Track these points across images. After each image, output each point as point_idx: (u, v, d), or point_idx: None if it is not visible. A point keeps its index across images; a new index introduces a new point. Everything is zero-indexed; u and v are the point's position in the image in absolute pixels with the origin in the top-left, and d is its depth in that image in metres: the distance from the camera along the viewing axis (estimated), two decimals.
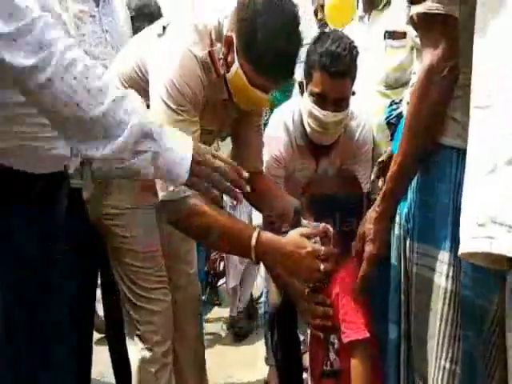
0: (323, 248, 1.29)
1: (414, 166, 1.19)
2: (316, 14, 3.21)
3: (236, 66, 1.31)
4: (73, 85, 0.94)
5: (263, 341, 2.50)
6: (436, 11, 1.04)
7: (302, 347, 2.01)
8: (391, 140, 1.53)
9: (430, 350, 1.16)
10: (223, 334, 3.05)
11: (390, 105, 1.52)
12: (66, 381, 1.25)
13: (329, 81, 1.63)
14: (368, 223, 1.30)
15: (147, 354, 1.53)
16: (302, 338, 2.10)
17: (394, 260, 1.37)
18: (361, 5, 2.04)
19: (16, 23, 0.89)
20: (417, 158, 1.18)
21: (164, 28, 1.38)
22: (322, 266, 1.27)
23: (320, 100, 1.66)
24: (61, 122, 0.99)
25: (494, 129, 0.77)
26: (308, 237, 1.30)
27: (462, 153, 1.11)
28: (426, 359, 1.18)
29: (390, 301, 1.41)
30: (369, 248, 1.30)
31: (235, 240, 1.29)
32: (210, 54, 1.33)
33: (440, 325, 1.14)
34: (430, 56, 1.09)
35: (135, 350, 1.56)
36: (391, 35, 1.84)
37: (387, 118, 1.50)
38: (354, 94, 1.72)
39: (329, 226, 1.36)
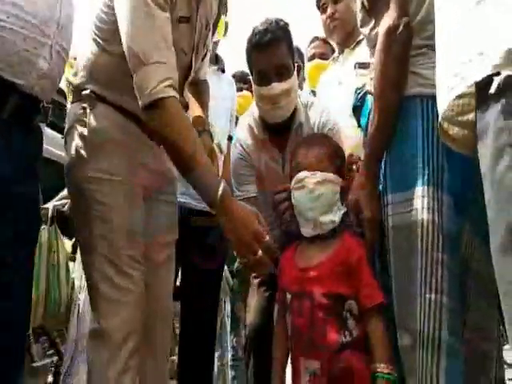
0: (267, 238, 1.28)
1: (389, 123, 1.24)
2: None
3: None
4: None
5: None
6: None
7: None
8: (359, 127, 1.58)
9: (414, 292, 1.13)
10: None
11: (355, 92, 1.59)
12: None
13: (260, 55, 1.72)
14: (356, 190, 1.32)
15: (108, 352, 1.34)
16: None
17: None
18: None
19: None
20: (390, 114, 1.23)
21: None
22: (259, 252, 1.26)
23: (262, 78, 1.74)
24: None
25: None
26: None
27: (424, 98, 1.17)
28: (410, 304, 1.14)
29: None
30: (365, 213, 1.30)
31: (203, 179, 1.29)
32: None
33: (421, 256, 1.12)
34: (384, 21, 1.23)
35: (94, 348, 1.38)
36: (361, 65, 1.98)
37: (354, 104, 1.56)
38: (300, 68, 1.80)
39: None
